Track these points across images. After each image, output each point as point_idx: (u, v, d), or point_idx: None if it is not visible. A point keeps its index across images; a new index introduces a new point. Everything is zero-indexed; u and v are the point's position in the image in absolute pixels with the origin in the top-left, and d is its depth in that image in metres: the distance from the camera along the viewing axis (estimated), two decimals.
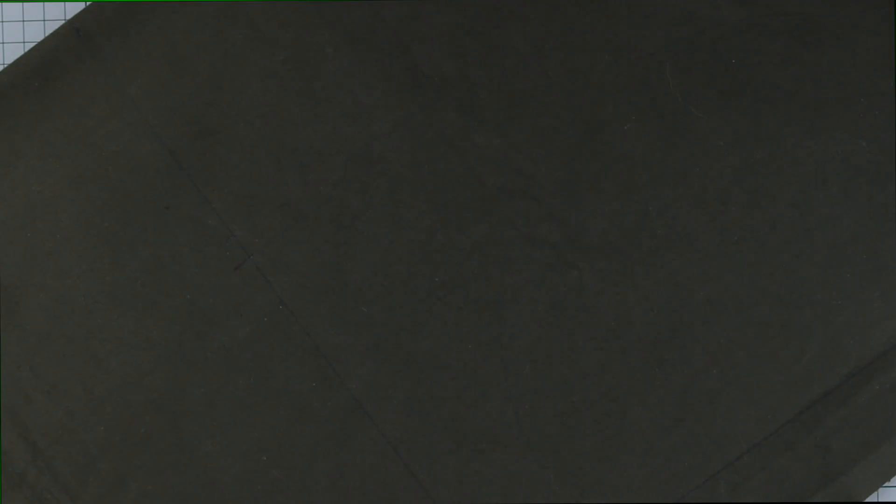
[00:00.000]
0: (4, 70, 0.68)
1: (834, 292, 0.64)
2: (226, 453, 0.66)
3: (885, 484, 0.66)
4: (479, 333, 0.66)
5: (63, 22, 0.68)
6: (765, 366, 0.64)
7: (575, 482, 0.65)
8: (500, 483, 0.65)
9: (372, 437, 0.66)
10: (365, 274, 0.66)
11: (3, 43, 0.69)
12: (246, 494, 0.66)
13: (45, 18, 0.69)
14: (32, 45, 0.68)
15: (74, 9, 0.69)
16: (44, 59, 0.67)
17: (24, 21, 0.69)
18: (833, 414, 0.64)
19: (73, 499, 0.66)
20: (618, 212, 0.65)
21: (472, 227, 0.66)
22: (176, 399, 0.66)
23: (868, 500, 0.66)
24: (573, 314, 0.65)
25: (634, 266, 0.65)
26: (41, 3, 0.69)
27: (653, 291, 0.65)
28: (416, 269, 0.66)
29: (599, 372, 0.65)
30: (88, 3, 0.68)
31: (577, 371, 0.65)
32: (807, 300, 0.64)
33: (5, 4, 0.69)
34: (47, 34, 0.68)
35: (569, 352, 0.65)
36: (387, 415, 0.66)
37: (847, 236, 0.64)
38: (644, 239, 0.65)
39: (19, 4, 0.69)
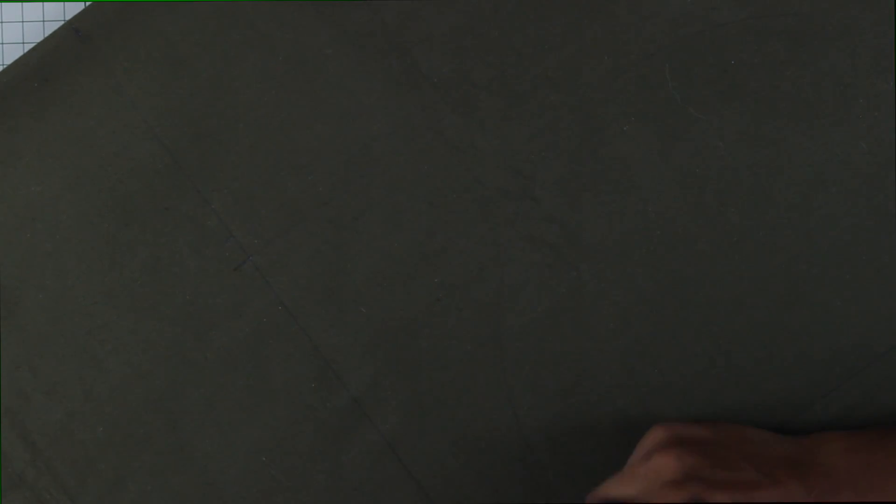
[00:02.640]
0: (4, 70, 0.68)
1: (834, 292, 0.64)
2: (226, 453, 0.66)
3: None
4: (479, 333, 0.66)
5: (62, 22, 0.68)
6: (765, 366, 0.64)
7: (575, 482, 0.65)
8: (499, 483, 0.65)
9: (371, 437, 0.66)
10: (364, 274, 0.66)
11: (2, 43, 0.69)
12: (246, 494, 0.66)
13: (45, 19, 0.69)
14: (32, 45, 0.68)
15: (74, 9, 0.69)
16: (43, 59, 0.67)
17: (23, 21, 0.69)
18: (833, 414, 0.64)
19: (73, 499, 0.66)
20: (617, 213, 0.65)
21: (471, 228, 0.66)
22: (175, 399, 0.67)
23: None
24: (573, 314, 0.65)
25: (634, 267, 0.65)
26: (41, 4, 0.69)
27: (652, 292, 0.65)
28: (416, 269, 0.66)
29: (599, 372, 0.65)
30: (88, 4, 0.68)
31: (577, 371, 0.65)
32: (807, 300, 0.64)
33: (5, 4, 0.69)
34: (47, 34, 0.68)
35: (569, 352, 0.65)
36: (386, 415, 0.66)
37: (847, 236, 0.64)
38: (644, 240, 0.65)
39: (19, 5, 0.69)
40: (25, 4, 0.69)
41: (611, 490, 0.59)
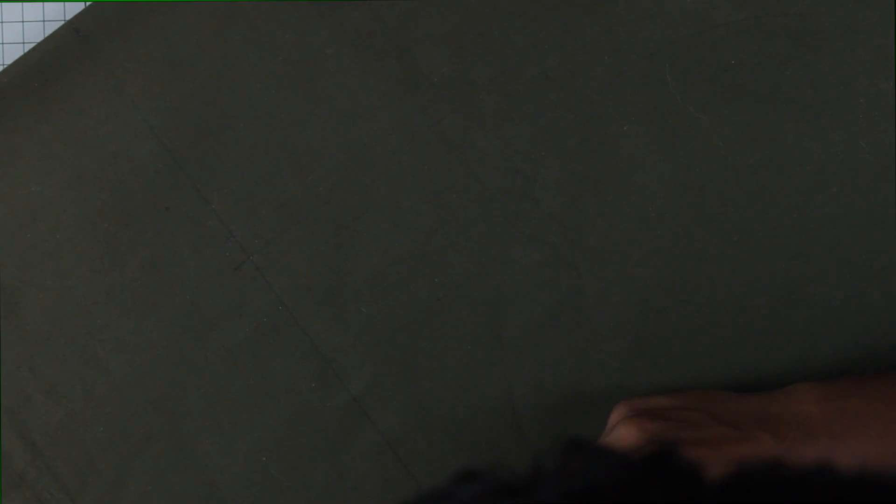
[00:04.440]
0: (4, 70, 0.68)
1: (834, 292, 0.64)
2: (226, 453, 0.66)
3: None
4: (479, 333, 0.66)
5: (62, 22, 0.68)
6: (765, 366, 0.64)
7: None
8: None
9: (371, 437, 0.66)
10: (364, 274, 0.66)
11: (2, 43, 0.69)
12: (246, 494, 0.66)
13: (45, 19, 0.69)
14: (32, 45, 0.68)
15: (74, 9, 0.69)
16: (44, 59, 0.67)
17: (23, 21, 0.69)
18: None
19: (73, 499, 0.66)
20: (617, 213, 0.65)
21: (472, 228, 0.66)
22: (176, 400, 0.67)
23: None
24: (573, 314, 0.65)
25: (634, 267, 0.65)
26: (41, 4, 0.69)
27: (652, 292, 0.65)
28: (416, 269, 0.66)
29: (599, 372, 0.65)
30: (88, 4, 0.68)
31: (578, 371, 0.65)
32: (807, 300, 0.64)
33: (5, 5, 0.69)
34: (47, 34, 0.68)
35: (569, 352, 0.65)
36: (386, 415, 0.66)
37: (847, 236, 0.64)
38: (643, 240, 0.65)
39: (19, 5, 0.69)
40: (25, 4, 0.69)
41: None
